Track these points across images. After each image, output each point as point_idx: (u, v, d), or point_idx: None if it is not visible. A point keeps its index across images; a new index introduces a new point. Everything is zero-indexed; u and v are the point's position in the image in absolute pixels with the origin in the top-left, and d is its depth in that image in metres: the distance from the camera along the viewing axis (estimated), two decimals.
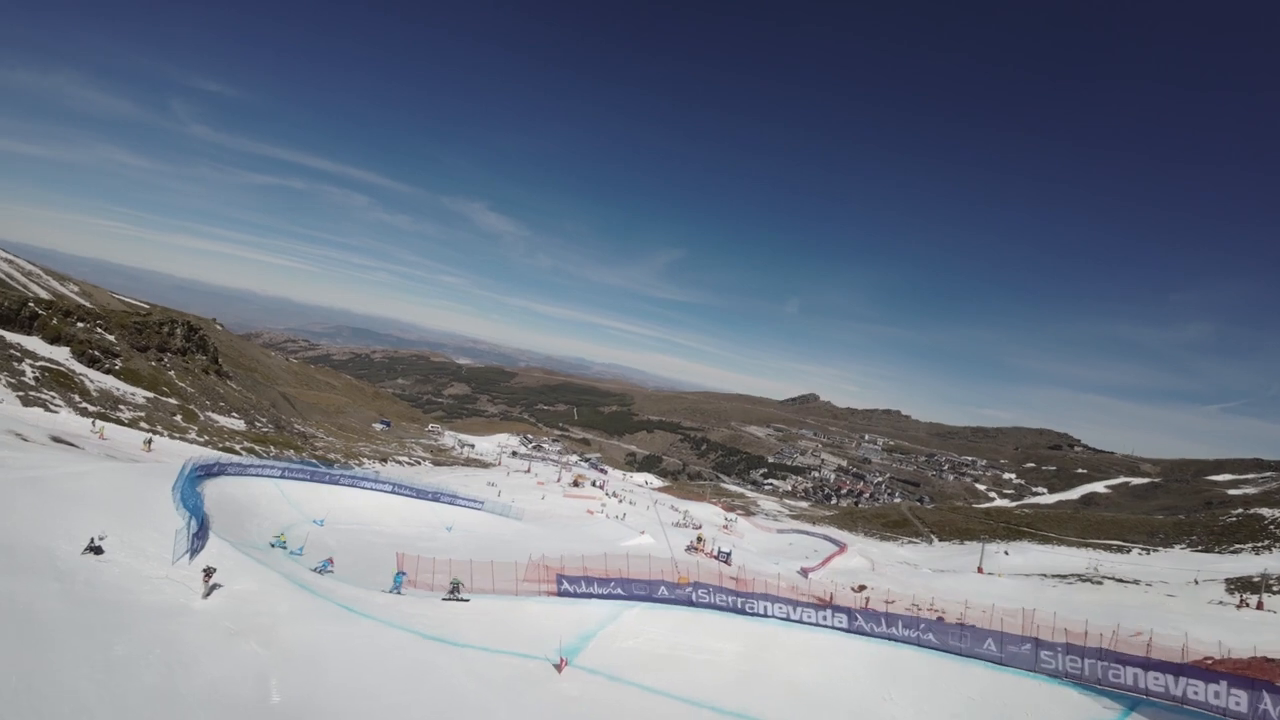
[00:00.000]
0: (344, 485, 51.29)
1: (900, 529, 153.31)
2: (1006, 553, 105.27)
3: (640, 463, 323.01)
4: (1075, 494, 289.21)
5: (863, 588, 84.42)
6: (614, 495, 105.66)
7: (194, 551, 24.36)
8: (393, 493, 53.96)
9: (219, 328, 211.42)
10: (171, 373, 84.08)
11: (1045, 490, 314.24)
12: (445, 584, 30.34)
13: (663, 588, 32.10)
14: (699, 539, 60.16)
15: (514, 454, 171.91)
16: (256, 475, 44.21)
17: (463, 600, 29.55)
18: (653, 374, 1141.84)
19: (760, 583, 36.58)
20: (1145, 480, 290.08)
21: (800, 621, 30.59)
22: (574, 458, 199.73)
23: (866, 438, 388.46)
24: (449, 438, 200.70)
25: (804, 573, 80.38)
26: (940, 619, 33.93)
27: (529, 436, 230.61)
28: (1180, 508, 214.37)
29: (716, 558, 57.91)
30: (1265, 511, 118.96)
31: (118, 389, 71.51)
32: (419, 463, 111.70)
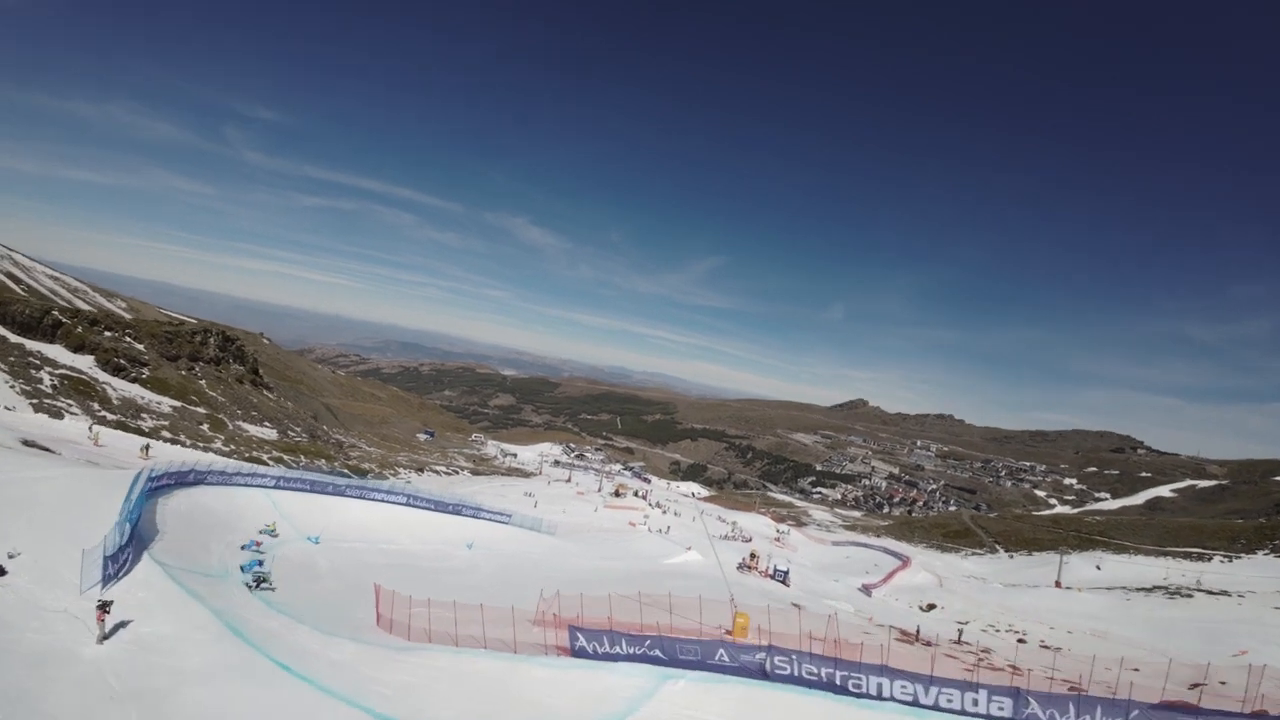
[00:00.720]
0: (350, 497, 45.94)
1: (962, 539, 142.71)
2: (1099, 567, 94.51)
3: (685, 472, 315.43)
4: (1140, 499, 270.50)
5: (932, 606, 76.03)
6: (657, 506, 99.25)
7: (110, 578, 19.20)
8: (406, 505, 48.65)
9: (266, 341, 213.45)
10: (202, 382, 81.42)
11: (1108, 495, 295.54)
12: (426, 627, 23.76)
13: (722, 651, 22.60)
14: (752, 555, 53.53)
15: (556, 463, 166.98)
16: (245, 485, 38.99)
17: None
18: (695, 382, 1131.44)
19: (856, 645, 23.78)
20: (1212, 483, 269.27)
21: (936, 708, 19.94)
22: (617, 467, 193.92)
23: (919, 444, 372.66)
24: (492, 447, 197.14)
25: (866, 590, 72.77)
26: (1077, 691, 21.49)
27: (571, 446, 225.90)
28: (1249, 511, 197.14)
29: (772, 577, 50.95)
30: None
31: (142, 397, 68.70)
32: (457, 472, 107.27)
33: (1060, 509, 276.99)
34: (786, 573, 52.58)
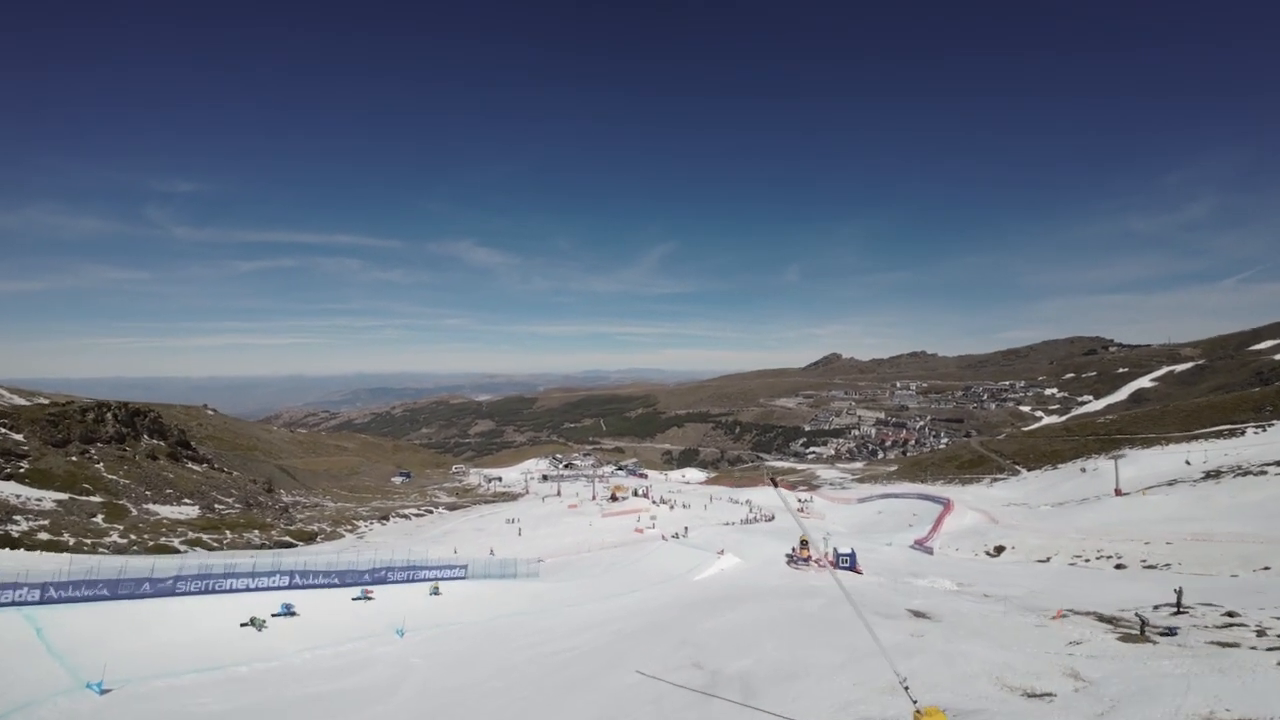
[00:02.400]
0: (189, 593, 29.77)
1: (977, 468, 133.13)
2: (1188, 461, 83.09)
3: (678, 459, 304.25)
4: (1123, 394, 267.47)
5: (1000, 549, 64.66)
6: (663, 501, 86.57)
7: None
8: (289, 587, 32.82)
9: (211, 413, 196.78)
10: (100, 465, 66.56)
11: (1091, 397, 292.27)
12: None
13: None
14: (803, 543, 41.24)
15: (544, 478, 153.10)
16: None
17: None
18: (672, 370, 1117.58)
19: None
20: (1189, 365, 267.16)
21: None
22: (609, 468, 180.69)
23: (898, 385, 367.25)
24: (474, 475, 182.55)
25: (921, 546, 61.22)
26: None
27: (558, 457, 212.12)
28: (1234, 384, 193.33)
29: (837, 565, 38.51)
30: None
31: (18, 495, 54.06)
32: (431, 511, 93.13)
33: (1048, 420, 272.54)
34: (853, 556, 40.39)
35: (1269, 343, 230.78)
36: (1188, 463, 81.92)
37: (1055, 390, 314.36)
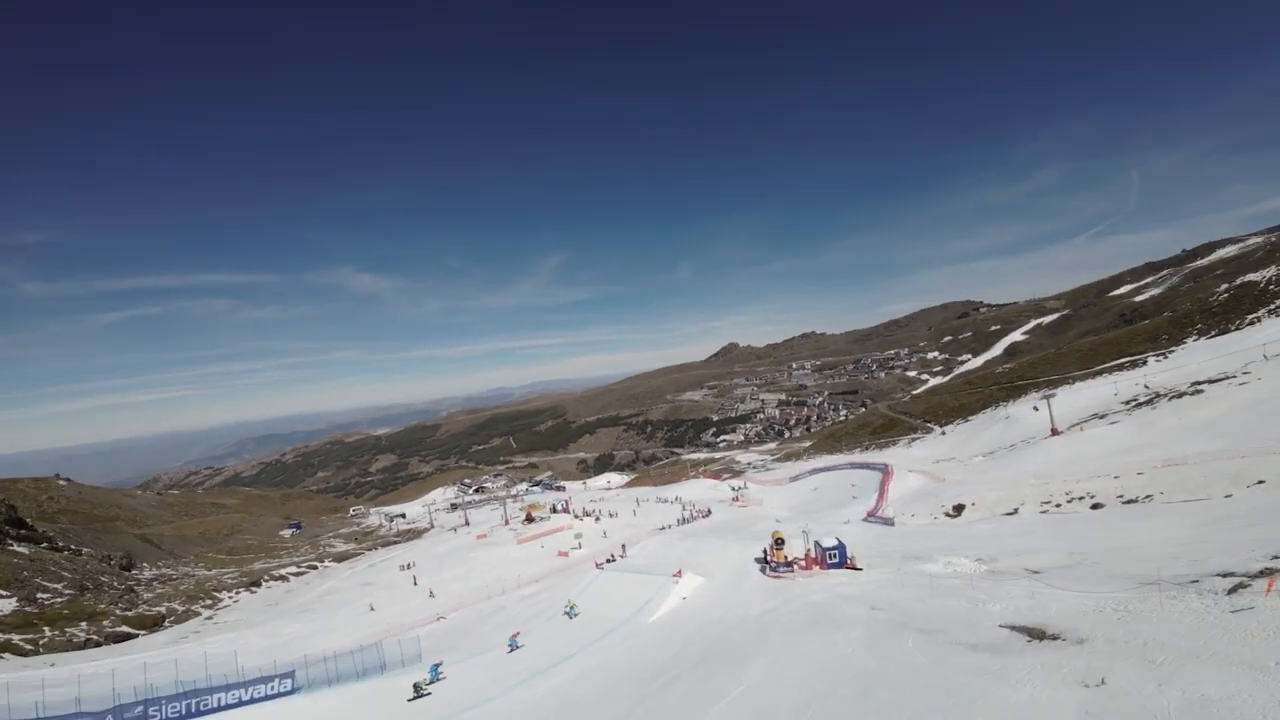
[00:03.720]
0: None
1: (890, 431, 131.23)
2: (1115, 393, 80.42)
3: (593, 466, 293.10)
4: (999, 349, 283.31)
5: (960, 508, 58.64)
6: (587, 514, 75.09)
7: None
8: None
9: (64, 483, 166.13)
10: None
11: (970, 355, 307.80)
12: None
13: None
14: (777, 543, 31.60)
15: (452, 507, 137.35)
16: None
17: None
18: (578, 379, 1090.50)
19: None
20: (1055, 316, 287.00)
21: None
22: (523, 486, 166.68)
23: (795, 365, 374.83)
24: (374, 516, 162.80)
25: (877, 518, 54.04)
26: None
27: (466, 482, 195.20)
28: (1100, 327, 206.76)
29: (826, 564, 29.13)
30: (1254, 276, 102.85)
31: None
32: (315, 567, 77.22)
33: (934, 381, 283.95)
34: (843, 549, 31.03)
35: (1127, 287, 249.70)
36: (1115, 394, 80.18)
37: (937, 353, 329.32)
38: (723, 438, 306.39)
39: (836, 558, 30.41)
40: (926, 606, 19.75)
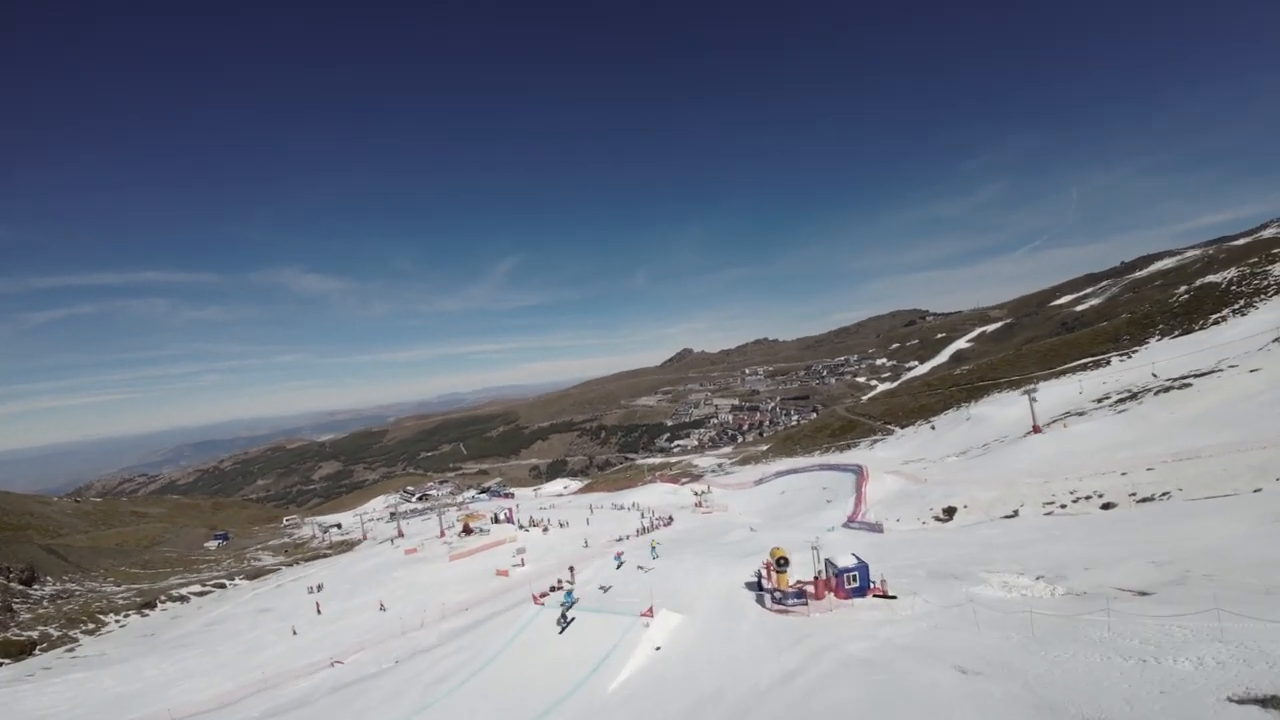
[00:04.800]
0: None
1: (850, 433, 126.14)
2: (1080, 391, 75.62)
3: (546, 472, 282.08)
4: (944, 356, 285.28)
5: (952, 511, 52.08)
6: (534, 525, 65.61)
7: None
8: None
9: None
10: None
11: (917, 362, 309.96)
12: None
13: None
14: (779, 563, 23.15)
15: (392, 515, 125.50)
16: None
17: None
18: (532, 384, 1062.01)
19: None
20: (998, 324, 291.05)
21: None
22: (470, 493, 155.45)
23: (748, 371, 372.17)
24: (308, 526, 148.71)
25: (862, 524, 47.00)
26: None
27: (409, 489, 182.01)
28: (1042, 336, 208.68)
29: (844, 591, 21.16)
30: (1214, 278, 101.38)
31: None
32: (219, 586, 65.83)
33: (882, 386, 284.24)
34: (864, 570, 23.16)
35: (1068, 297, 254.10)
36: (1080, 392, 75.76)
37: (885, 360, 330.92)
38: (677, 443, 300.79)
39: (857, 582, 22.56)
40: (1053, 665, 12.41)
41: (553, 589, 31.14)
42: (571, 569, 36.74)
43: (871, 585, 22.64)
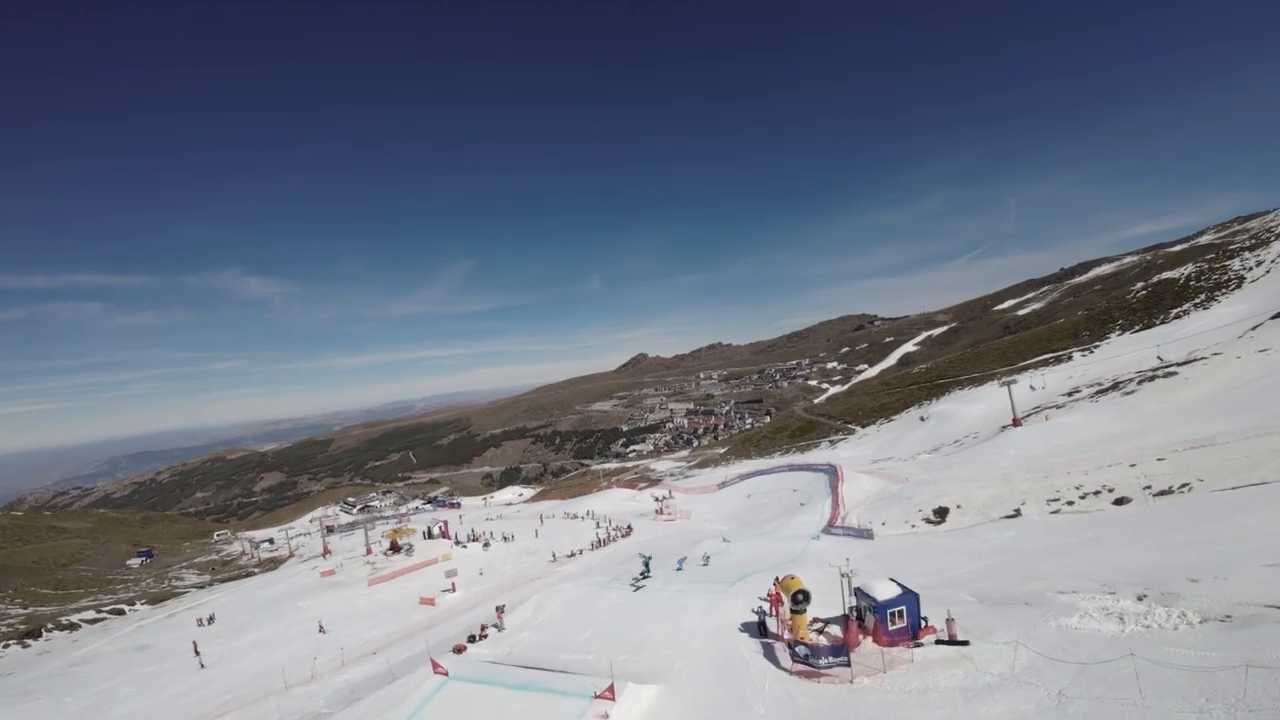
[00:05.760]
0: None
1: (810, 433, 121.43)
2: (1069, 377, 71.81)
3: (499, 480, 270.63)
4: (893, 359, 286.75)
5: (944, 511, 46.37)
6: (473, 539, 56.79)
7: None
8: None
9: None
10: None
11: (866, 365, 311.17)
12: None
13: None
14: (797, 599, 15.93)
15: (328, 530, 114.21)
16: None
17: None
18: (484, 390, 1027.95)
19: None
20: (944, 328, 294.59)
21: None
22: (414, 503, 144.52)
23: (702, 375, 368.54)
24: (239, 541, 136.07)
25: (848, 529, 40.64)
26: None
27: (350, 501, 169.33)
28: (987, 339, 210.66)
29: (887, 637, 14.18)
30: (1172, 274, 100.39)
31: None
32: (111, 615, 55.28)
33: (833, 390, 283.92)
34: (913, 601, 16.00)
35: (1011, 301, 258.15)
36: (1070, 378, 71.79)
37: (836, 363, 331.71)
38: (633, 448, 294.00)
39: (904, 621, 15.60)
40: None
41: (471, 640, 23.12)
42: (500, 610, 28.08)
43: (924, 624, 15.82)
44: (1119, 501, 36.30)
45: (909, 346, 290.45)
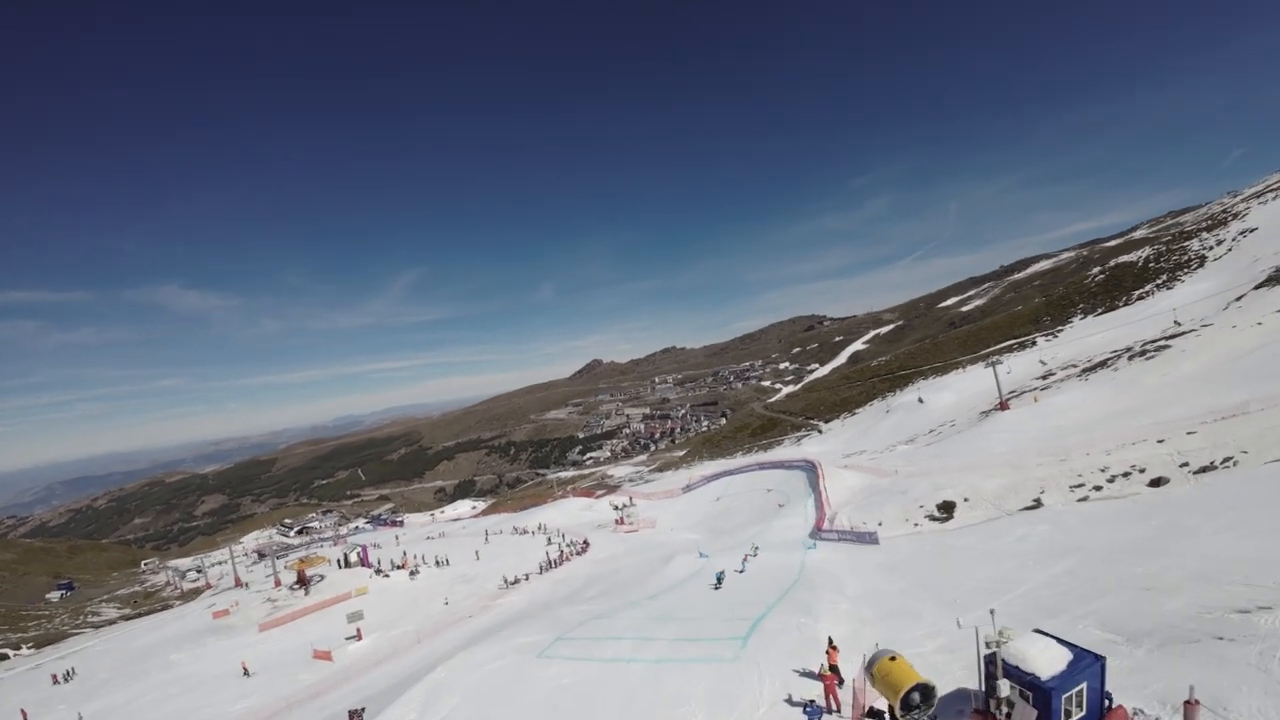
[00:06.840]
0: None
1: (772, 431, 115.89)
2: (1043, 361, 67.00)
3: (453, 494, 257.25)
4: (843, 357, 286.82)
5: (949, 506, 40.19)
6: (398, 568, 47.31)
7: None
8: None
9: None
10: None
11: (818, 364, 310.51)
12: None
13: None
14: (910, 698, 8.93)
15: (260, 556, 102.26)
16: None
17: None
18: (436, 402, 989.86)
19: None
20: (891, 326, 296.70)
21: None
22: (358, 522, 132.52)
23: (657, 380, 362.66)
24: (164, 572, 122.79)
25: (839, 533, 33.81)
26: None
27: (287, 523, 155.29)
28: (932, 334, 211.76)
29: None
30: (1129, 258, 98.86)
31: None
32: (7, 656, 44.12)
33: (787, 390, 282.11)
34: (1097, 674, 7.95)
35: (954, 299, 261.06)
36: (1042, 362, 67.42)
37: (788, 364, 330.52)
38: (589, 455, 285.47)
39: (1082, 711, 8.16)
40: None
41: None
42: (357, 717, 18.30)
43: (1109, 706, 8.46)
44: (1155, 483, 30.66)
45: (858, 345, 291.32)
